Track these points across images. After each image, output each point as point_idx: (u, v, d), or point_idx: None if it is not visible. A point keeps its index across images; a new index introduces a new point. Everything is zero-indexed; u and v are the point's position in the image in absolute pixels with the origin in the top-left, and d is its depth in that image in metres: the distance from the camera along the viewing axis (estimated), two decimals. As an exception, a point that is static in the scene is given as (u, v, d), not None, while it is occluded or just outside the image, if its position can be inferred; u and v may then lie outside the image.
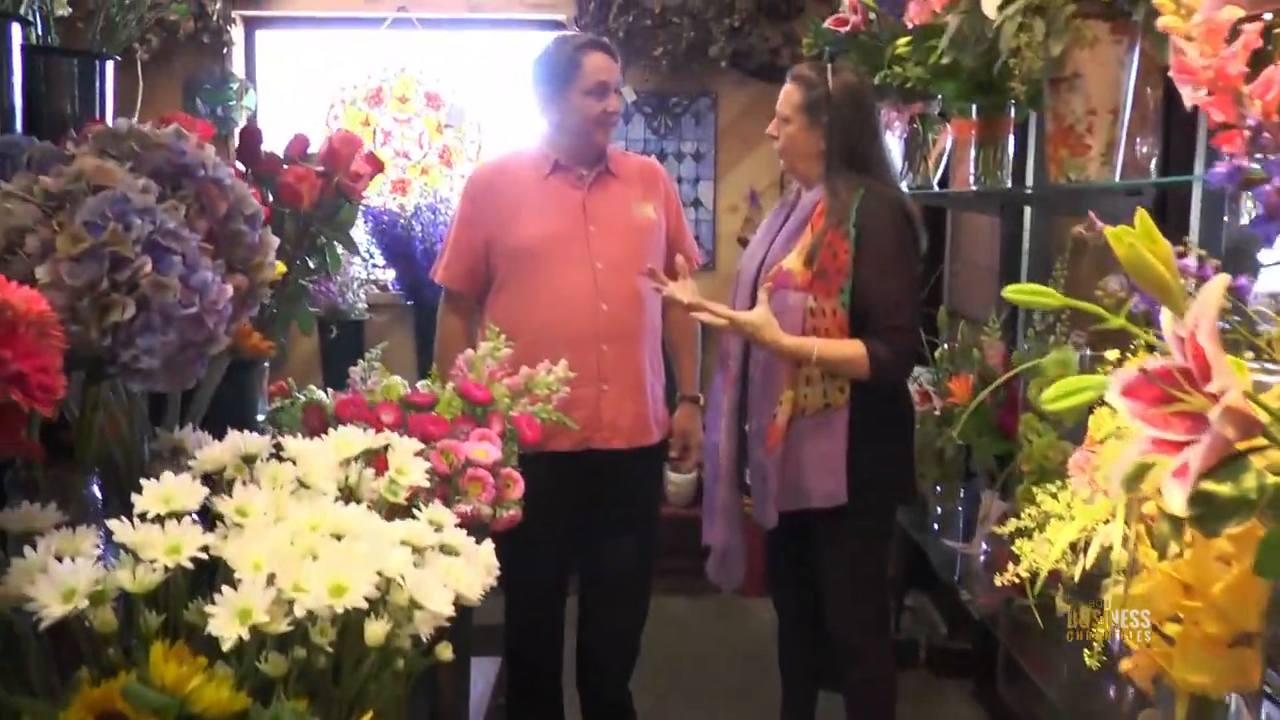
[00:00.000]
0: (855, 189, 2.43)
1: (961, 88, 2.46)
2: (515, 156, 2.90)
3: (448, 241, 2.88)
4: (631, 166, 2.90)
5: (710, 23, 4.38)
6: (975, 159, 2.54)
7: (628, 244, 2.78)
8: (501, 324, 2.77)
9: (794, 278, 2.42)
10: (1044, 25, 1.81)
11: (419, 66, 4.56)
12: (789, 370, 2.44)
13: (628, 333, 2.77)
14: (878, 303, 2.38)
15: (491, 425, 1.87)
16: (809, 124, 2.50)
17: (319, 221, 1.90)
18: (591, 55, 2.74)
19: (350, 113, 4.55)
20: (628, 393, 2.78)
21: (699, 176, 4.64)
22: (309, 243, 1.94)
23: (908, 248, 2.44)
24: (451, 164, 4.57)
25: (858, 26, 2.91)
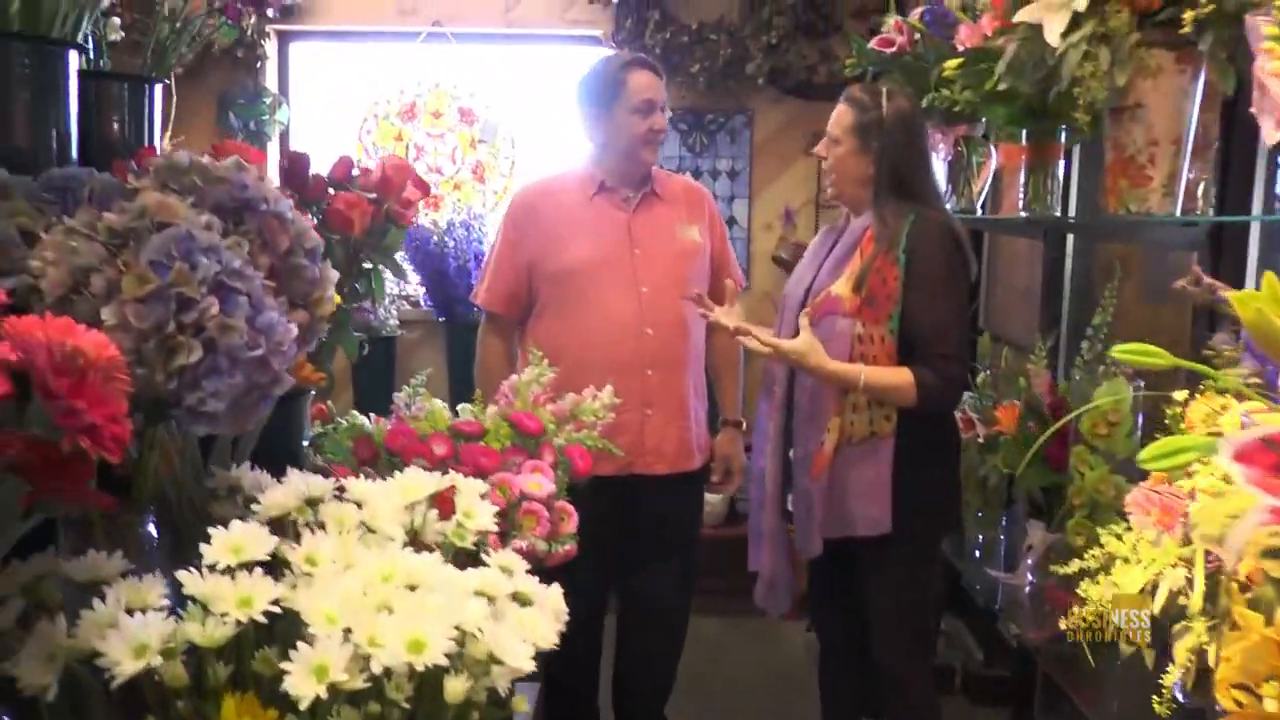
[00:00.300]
0: (905, 215, 2.40)
1: (1013, 113, 2.42)
2: (560, 178, 2.88)
3: (489, 263, 2.86)
4: (676, 188, 2.88)
5: (747, 40, 4.36)
6: (1025, 185, 2.50)
7: (673, 267, 2.76)
8: (544, 348, 2.73)
9: (842, 304, 2.39)
10: (1109, 54, 1.77)
11: (453, 81, 4.55)
12: (836, 397, 2.41)
13: (673, 358, 2.74)
14: (926, 330, 2.35)
15: (543, 456, 1.85)
16: (859, 147, 2.47)
17: (368, 248, 1.88)
18: (637, 73, 2.72)
19: (383, 127, 4.54)
20: (672, 418, 2.75)
21: (734, 194, 4.61)
22: (356, 269, 1.92)
23: (957, 274, 2.40)
24: (485, 180, 4.55)
25: (903, 48, 2.87)
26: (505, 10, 4.51)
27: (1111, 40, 1.78)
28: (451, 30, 4.50)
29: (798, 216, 4.59)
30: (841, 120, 2.51)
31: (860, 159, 2.47)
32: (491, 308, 2.84)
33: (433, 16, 4.49)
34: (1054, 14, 1.86)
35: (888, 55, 2.92)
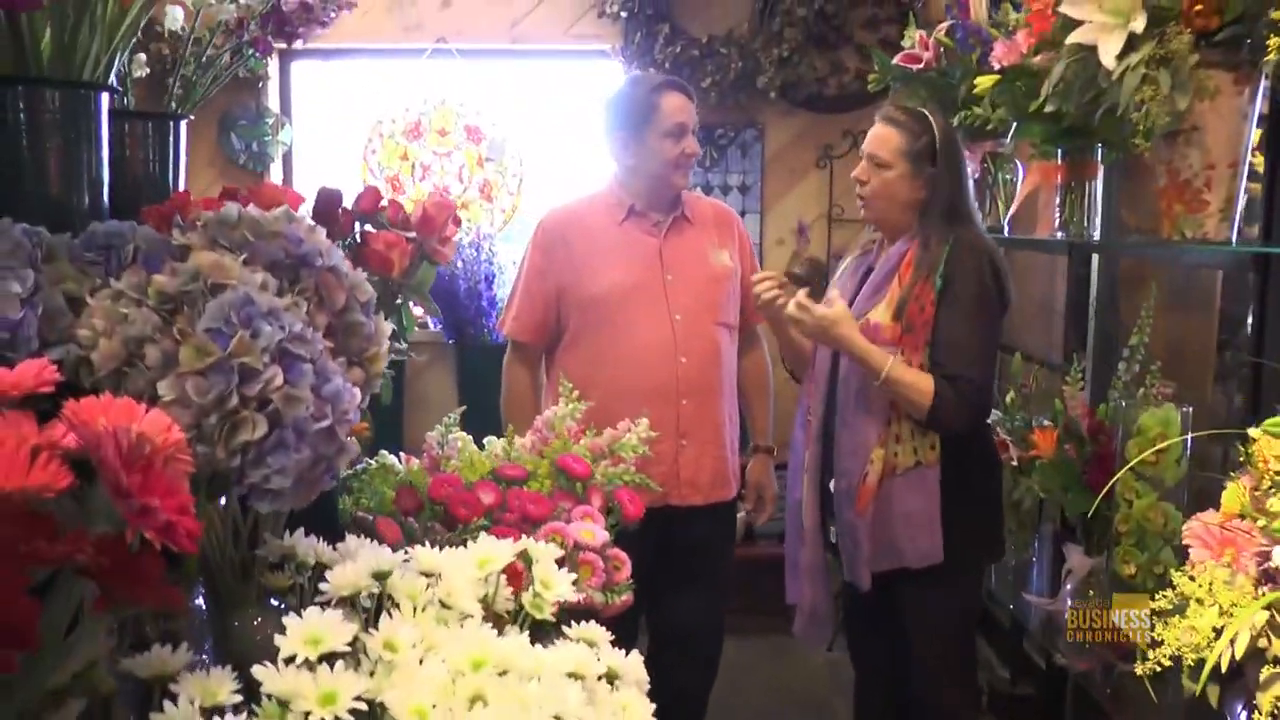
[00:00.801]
0: (944, 240, 2.35)
1: (1051, 131, 2.37)
2: (588, 202, 2.82)
3: (516, 291, 2.80)
4: (706, 212, 2.82)
5: (758, 52, 4.30)
6: (1061, 204, 2.45)
7: (705, 293, 2.70)
8: (574, 378, 2.67)
9: (882, 331, 2.33)
10: (1168, 77, 1.72)
11: (459, 98, 4.48)
12: (878, 428, 2.36)
13: (707, 386, 2.69)
14: (950, 349, 2.32)
15: (591, 500, 1.79)
16: (912, 172, 2.41)
17: (405, 288, 1.82)
18: (669, 96, 2.66)
19: (388, 147, 4.47)
20: (706, 448, 2.70)
21: (745, 209, 4.55)
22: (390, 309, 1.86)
23: (991, 301, 2.35)
24: (492, 199, 4.49)
25: (930, 64, 2.82)
26: (511, 25, 4.44)
27: (1171, 62, 1.73)
28: (456, 46, 4.44)
29: (811, 231, 4.53)
30: (889, 143, 2.44)
31: (912, 184, 2.42)
32: (519, 337, 2.77)
33: (437, 33, 4.43)
34: (1109, 35, 1.81)
35: (913, 71, 2.87)
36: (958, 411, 2.30)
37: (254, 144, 4.47)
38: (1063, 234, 2.45)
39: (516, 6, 4.44)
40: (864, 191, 2.49)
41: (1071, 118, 2.10)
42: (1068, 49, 1.97)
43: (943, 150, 2.41)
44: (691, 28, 4.40)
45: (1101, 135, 2.33)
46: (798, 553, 2.57)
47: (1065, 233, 2.44)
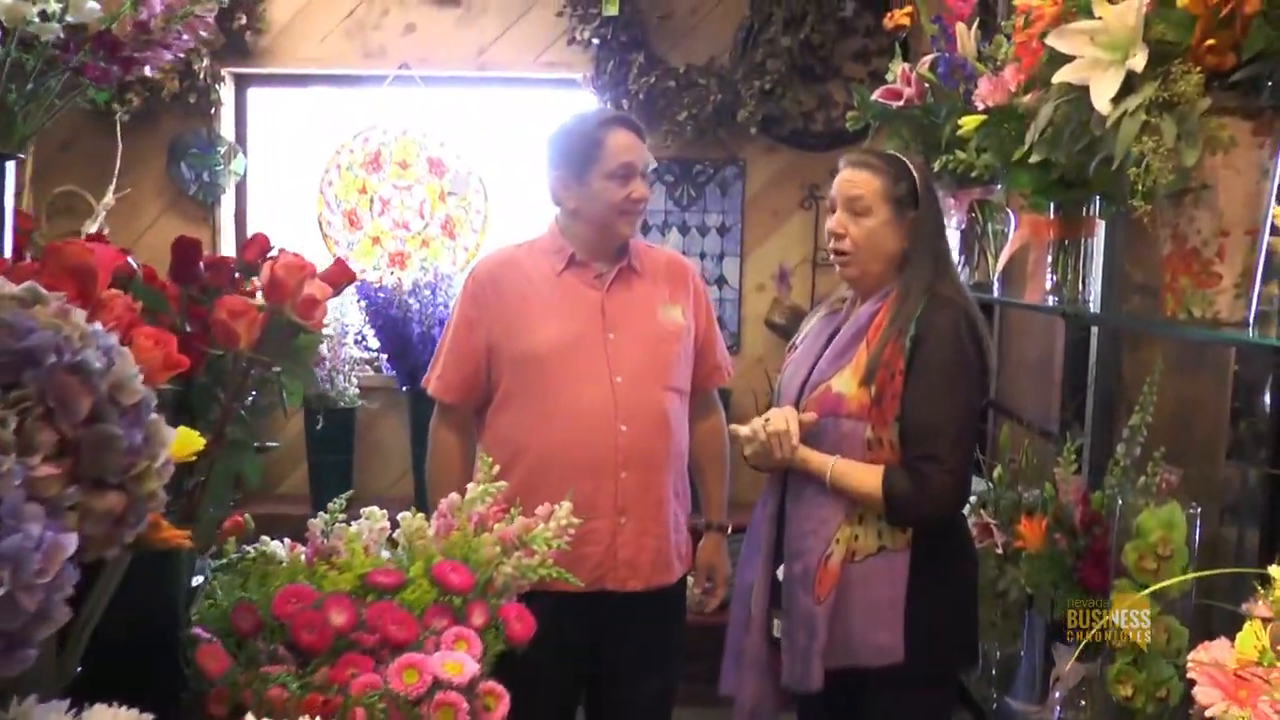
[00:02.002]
0: (919, 296, 2.08)
1: (1041, 181, 2.08)
2: (526, 249, 2.54)
3: (443, 346, 2.52)
4: (657, 262, 2.54)
5: (739, 84, 4.02)
6: (1053, 264, 2.16)
7: (652, 354, 2.42)
8: (503, 445, 2.40)
9: (846, 403, 2.06)
10: (1174, 125, 1.43)
11: (421, 129, 4.21)
12: (844, 505, 2.08)
13: (651, 458, 2.39)
14: (916, 425, 2.04)
15: (471, 618, 1.50)
16: (894, 218, 2.16)
17: (264, 361, 1.53)
18: (616, 133, 2.39)
19: (346, 179, 4.20)
20: (648, 527, 2.40)
21: (724, 251, 4.26)
22: (253, 385, 1.57)
23: (967, 368, 2.08)
24: (455, 236, 4.21)
25: (912, 100, 2.54)
26: (477, 52, 4.18)
27: (1177, 108, 1.44)
28: (420, 74, 4.17)
29: (793, 276, 4.24)
30: (869, 186, 2.17)
31: (894, 230, 2.17)
32: (445, 397, 2.50)
33: (400, 59, 4.16)
34: (1102, 74, 1.52)
35: (894, 108, 2.59)
36: (920, 503, 2.04)
37: (205, 174, 4.20)
38: (1055, 299, 2.15)
39: (484, 32, 4.17)
40: (843, 245, 2.21)
41: (1063, 167, 1.82)
42: (1056, 89, 1.68)
43: (924, 193, 2.17)
44: (669, 57, 4.13)
45: (1099, 187, 2.05)
46: (742, 640, 2.28)
47: (1058, 298, 2.15)
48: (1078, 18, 1.58)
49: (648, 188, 2.44)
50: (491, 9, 4.17)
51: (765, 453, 2.13)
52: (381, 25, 4.18)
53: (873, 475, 2.04)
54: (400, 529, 1.69)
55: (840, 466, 2.07)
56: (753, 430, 2.15)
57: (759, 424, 2.14)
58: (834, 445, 2.09)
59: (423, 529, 1.69)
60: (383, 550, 1.75)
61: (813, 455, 2.10)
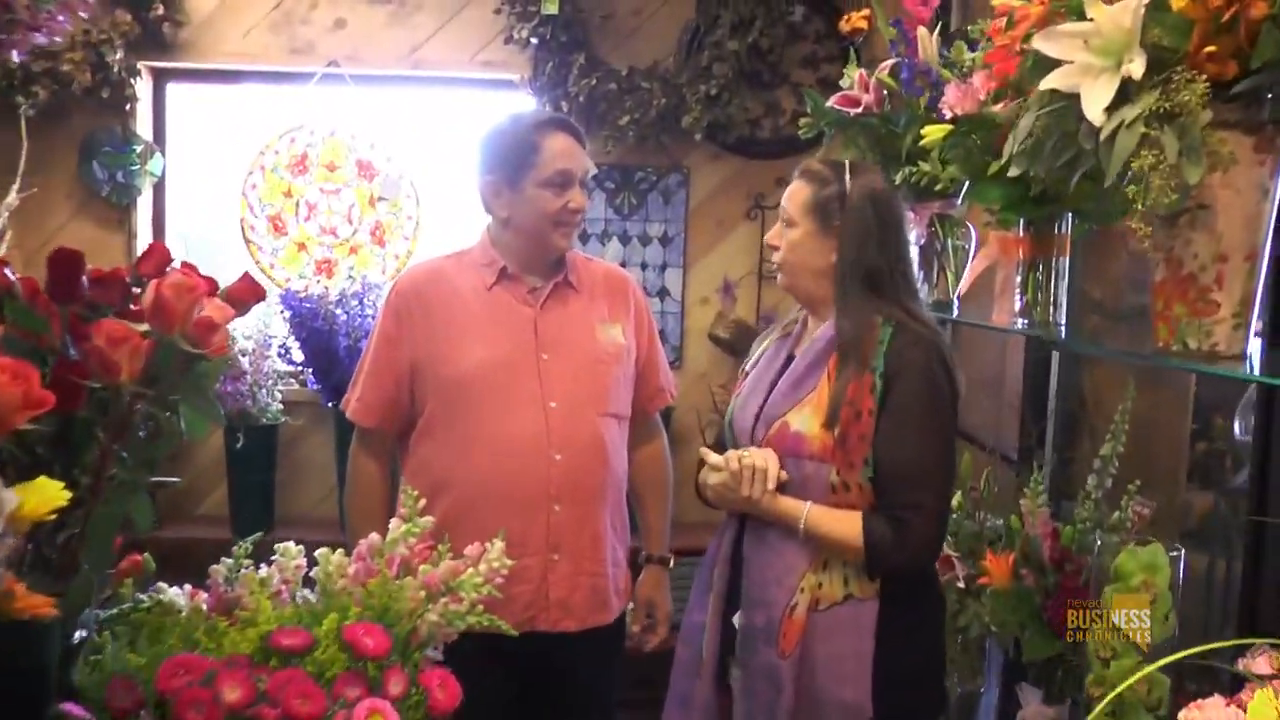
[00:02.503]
0: (881, 323, 1.93)
1: (1009, 196, 1.94)
2: (454, 260, 2.36)
3: (362, 365, 2.33)
4: (595, 276, 2.38)
5: (683, 89, 3.86)
6: (1023, 285, 2.02)
7: (589, 377, 2.25)
8: (426, 475, 2.22)
9: (807, 443, 1.90)
10: (1175, 139, 1.29)
11: (351, 130, 3.99)
12: (809, 551, 1.93)
13: (586, 490, 2.23)
14: (897, 473, 1.89)
15: (388, 686, 1.32)
16: (819, 229, 2.00)
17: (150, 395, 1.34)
18: (552, 136, 2.22)
19: (271, 181, 3.97)
20: (582, 564, 2.24)
21: (666, 263, 4.10)
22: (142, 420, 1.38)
23: (944, 404, 1.93)
24: (385, 243, 4.00)
25: (870, 108, 2.40)
26: (410, 50, 3.97)
27: (1179, 119, 1.30)
28: (349, 72, 3.95)
29: (738, 289, 4.09)
30: (796, 197, 2.03)
31: (820, 243, 2.00)
32: (364, 421, 2.31)
33: (329, 56, 3.95)
34: (1095, 81, 1.38)
35: (850, 116, 2.44)
36: (902, 552, 1.89)
37: (120, 174, 3.95)
38: (1024, 322, 2.01)
39: (417, 29, 3.97)
40: (775, 258, 2.07)
41: (1041, 182, 1.68)
42: (1040, 97, 1.54)
43: (856, 202, 1.98)
44: (610, 59, 3.96)
45: (1073, 204, 1.92)
46: (689, 686, 2.12)
47: (1027, 321, 2.01)
48: (1066, 19, 1.44)
49: (586, 196, 2.27)
50: (426, 5, 3.97)
51: (732, 487, 1.96)
52: (310, 20, 3.96)
53: (851, 523, 1.90)
54: (318, 567, 1.53)
55: (816, 514, 1.91)
56: (725, 460, 1.98)
57: (734, 455, 1.97)
58: (795, 489, 1.94)
59: (343, 566, 1.53)
60: (298, 592, 1.59)
61: (783, 500, 1.94)
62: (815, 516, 1.91)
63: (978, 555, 2.39)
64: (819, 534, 1.91)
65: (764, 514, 1.96)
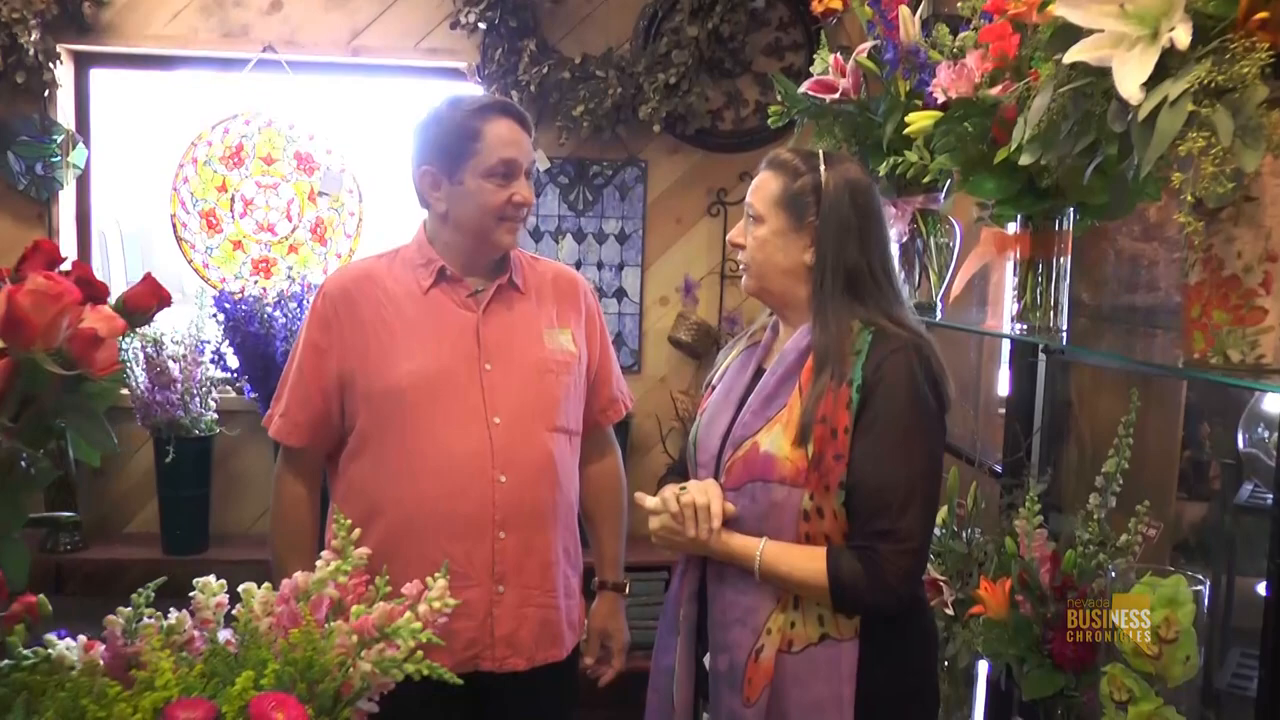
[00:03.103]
0: (860, 329, 1.73)
1: (1007, 189, 1.76)
2: (387, 260, 2.14)
3: (287, 378, 2.11)
4: (543, 277, 2.17)
5: (641, 77, 3.65)
6: (1020, 286, 1.84)
7: (536, 389, 2.04)
8: (357, 499, 2.00)
9: (778, 466, 1.69)
10: (1228, 118, 1.11)
11: (288, 120, 3.74)
12: (774, 589, 1.72)
13: (534, 514, 2.01)
14: (869, 496, 1.67)
15: (304, 769, 1.11)
16: (790, 226, 1.79)
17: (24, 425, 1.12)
18: (495, 123, 2.00)
19: (204, 175, 3.72)
20: (531, 595, 2.02)
21: (624, 261, 3.89)
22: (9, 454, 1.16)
23: (927, 422, 1.72)
24: (326, 241, 3.76)
25: (848, 93, 2.21)
26: (350, 36, 3.73)
27: (1234, 95, 1.11)
28: (286, 58, 3.70)
29: (700, 289, 3.89)
30: (764, 190, 1.82)
31: (792, 241, 1.80)
32: (289, 440, 2.09)
33: (264, 41, 3.70)
34: (1128, 52, 1.19)
35: (826, 104, 2.25)
36: (874, 592, 1.68)
37: (39, 166, 3.68)
38: (1022, 327, 1.83)
39: (357, 13, 3.73)
40: (741, 257, 1.87)
41: (1052, 173, 1.49)
42: (1056, 74, 1.35)
43: (833, 195, 1.77)
44: (563, 45, 3.74)
45: (1076, 197, 1.74)
46: None
47: (1025, 326, 1.83)
48: (1093, -18, 1.25)
49: (532, 190, 2.05)
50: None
51: (676, 529, 1.76)
52: (244, 2, 3.71)
53: (813, 560, 1.69)
54: (241, 604, 1.36)
55: (771, 552, 1.71)
56: (662, 501, 1.78)
57: (671, 493, 1.77)
58: (763, 515, 1.73)
59: (269, 604, 1.36)
60: (219, 632, 1.39)
61: (735, 538, 1.74)
62: (771, 556, 1.71)
63: (966, 578, 2.21)
64: (776, 575, 1.71)
65: (715, 555, 1.77)
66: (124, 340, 3.29)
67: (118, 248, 4.30)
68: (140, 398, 3.36)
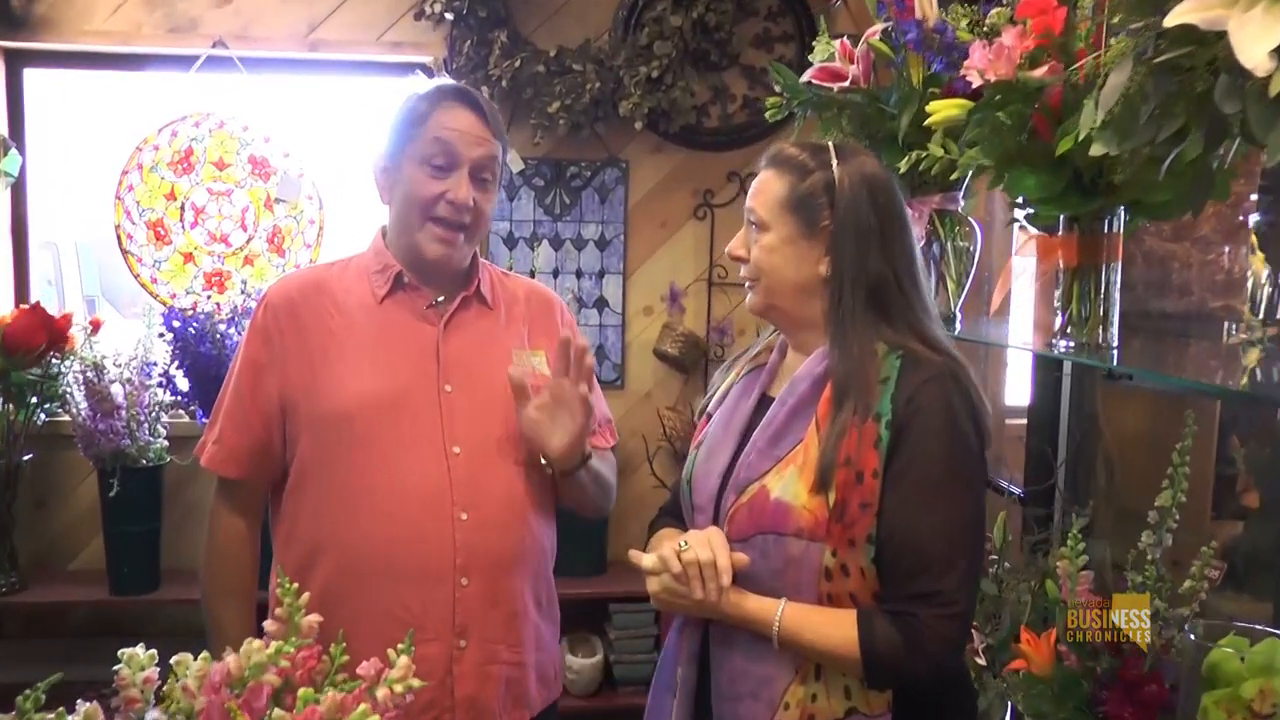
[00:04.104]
0: (886, 353, 1.49)
1: (1051, 186, 1.53)
2: (339, 267, 1.90)
3: (222, 400, 1.86)
4: (514, 294, 1.92)
5: (621, 71, 3.40)
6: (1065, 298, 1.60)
7: (503, 415, 1.79)
8: (299, 539, 1.72)
9: (794, 516, 1.45)
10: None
11: (242, 122, 3.48)
12: (793, 656, 1.48)
13: (501, 557, 1.76)
14: (906, 552, 1.43)
15: None
16: (801, 232, 1.55)
17: None
18: (447, 108, 1.76)
19: (151, 182, 3.45)
20: (498, 652, 1.77)
21: (604, 269, 3.64)
22: None
23: (970, 462, 1.48)
24: (284, 252, 3.49)
25: (858, 82, 1.97)
26: (308, 29, 3.47)
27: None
28: (239, 54, 3.44)
29: (686, 298, 3.65)
30: (768, 192, 1.58)
31: (803, 251, 1.55)
32: (223, 470, 1.83)
33: (214, 36, 3.43)
34: (1246, 12, 0.96)
35: (834, 92, 2.02)
36: (914, 663, 1.44)
37: (-31, 173, 3.41)
38: (1068, 344, 1.59)
39: (316, 5, 3.46)
40: (745, 272, 1.62)
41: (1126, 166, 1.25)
42: (1141, 45, 1.12)
43: (848, 194, 1.52)
44: (537, 37, 3.49)
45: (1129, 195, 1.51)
46: None
47: (1072, 342, 1.59)
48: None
49: (483, 192, 1.79)
50: (325, -22, 3.48)
51: (680, 592, 1.51)
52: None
53: (841, 626, 1.45)
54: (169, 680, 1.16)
55: (793, 616, 1.46)
56: (660, 560, 1.52)
57: (671, 550, 1.51)
58: (776, 573, 1.48)
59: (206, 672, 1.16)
60: (149, 712, 1.22)
61: (749, 599, 1.49)
62: (793, 621, 1.46)
63: (997, 620, 1.98)
64: (799, 643, 1.47)
65: (726, 619, 1.51)
66: (62, 364, 3.02)
67: (72, 262, 4.03)
68: (82, 426, 3.08)
